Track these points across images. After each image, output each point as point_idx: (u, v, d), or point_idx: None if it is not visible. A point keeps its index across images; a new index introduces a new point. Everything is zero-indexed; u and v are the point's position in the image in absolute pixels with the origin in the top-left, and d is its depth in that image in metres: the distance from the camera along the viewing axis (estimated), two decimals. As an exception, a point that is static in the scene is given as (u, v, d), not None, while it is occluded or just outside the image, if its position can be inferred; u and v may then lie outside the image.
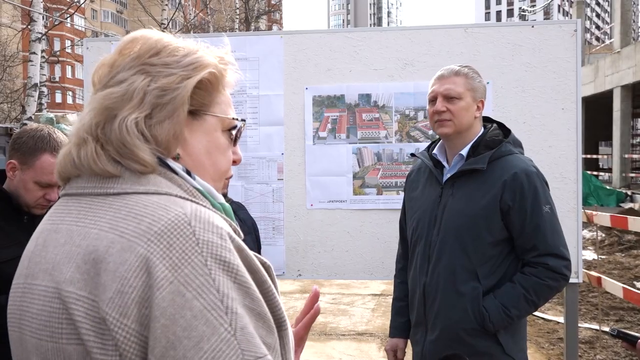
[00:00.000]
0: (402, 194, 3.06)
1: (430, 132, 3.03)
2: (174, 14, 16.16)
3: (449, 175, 2.10)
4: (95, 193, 0.87)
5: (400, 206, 3.07)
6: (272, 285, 0.86)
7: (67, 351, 0.79)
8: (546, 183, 2.07)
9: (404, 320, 2.29)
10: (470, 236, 2.01)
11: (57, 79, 47.46)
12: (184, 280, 0.76)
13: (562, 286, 2.04)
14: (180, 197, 0.85)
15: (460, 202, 2.04)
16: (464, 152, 2.08)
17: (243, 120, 1.02)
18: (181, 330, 0.74)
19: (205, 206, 0.86)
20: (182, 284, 0.75)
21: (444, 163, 2.15)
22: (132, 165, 0.86)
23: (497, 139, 2.08)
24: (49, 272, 0.83)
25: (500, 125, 2.17)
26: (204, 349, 0.74)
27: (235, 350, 0.75)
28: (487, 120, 2.20)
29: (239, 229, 0.90)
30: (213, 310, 0.75)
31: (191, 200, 0.85)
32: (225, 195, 2.37)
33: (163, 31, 0.96)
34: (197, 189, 0.89)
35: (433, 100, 2.10)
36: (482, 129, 2.14)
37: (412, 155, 2.36)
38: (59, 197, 0.95)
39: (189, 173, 0.91)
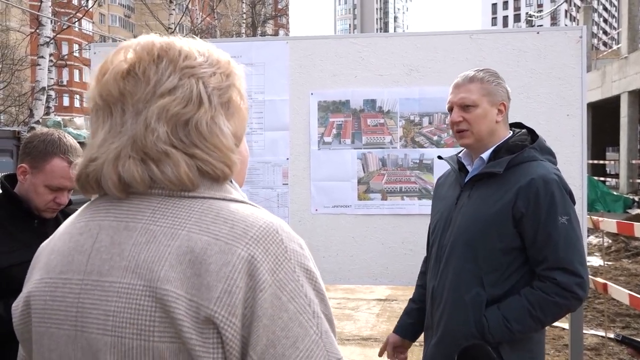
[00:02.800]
0: (406, 200, 3.07)
1: (435, 137, 3.03)
2: (181, 18, 16.25)
3: (468, 178, 2.05)
4: (166, 194, 0.87)
5: (405, 212, 3.07)
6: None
7: (158, 349, 0.80)
8: (569, 193, 1.95)
9: (411, 322, 2.26)
10: (480, 241, 1.94)
11: (64, 83, 47.80)
12: (280, 284, 0.81)
13: (574, 305, 1.90)
14: (252, 205, 0.90)
15: (473, 206, 1.99)
16: (485, 155, 2.02)
17: None
18: (280, 330, 0.80)
19: (261, 209, 0.92)
20: (279, 287, 0.81)
21: (468, 167, 2.09)
22: (223, 170, 0.89)
23: (521, 144, 2.00)
24: (131, 270, 0.83)
25: (531, 132, 2.09)
26: (300, 348, 0.80)
27: (322, 351, 0.82)
28: (518, 126, 2.13)
29: None
30: (305, 314, 0.82)
31: (257, 207, 0.91)
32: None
33: (170, 36, 0.97)
34: (243, 196, 0.94)
35: (451, 110, 2.06)
36: (510, 134, 2.07)
37: (440, 157, 2.31)
38: (101, 194, 0.92)
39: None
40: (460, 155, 2.15)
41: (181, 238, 0.83)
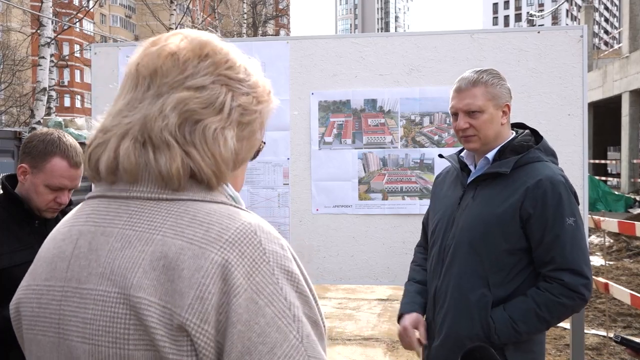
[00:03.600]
0: (407, 199, 3.07)
1: (436, 137, 3.03)
2: (181, 18, 16.25)
3: (472, 178, 2.04)
4: (144, 197, 0.86)
5: (405, 211, 3.07)
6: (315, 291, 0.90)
7: (133, 357, 0.79)
8: (575, 195, 1.95)
9: (424, 300, 2.13)
10: (485, 241, 1.93)
11: (65, 83, 47.84)
12: (256, 288, 0.79)
13: (579, 306, 1.89)
14: (232, 205, 0.88)
15: (479, 206, 1.97)
16: (490, 155, 2.00)
17: (264, 142, 1.04)
18: (256, 336, 0.77)
19: (242, 209, 0.90)
20: (255, 291, 0.78)
21: (471, 167, 2.08)
22: (211, 178, 0.87)
23: (526, 144, 1.99)
24: (107, 276, 0.82)
25: (534, 132, 2.08)
26: (277, 354, 0.78)
27: (303, 356, 0.79)
28: (520, 126, 2.12)
29: None
30: (283, 318, 0.79)
31: (237, 207, 0.89)
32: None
33: None
34: (231, 196, 0.92)
35: (455, 114, 2.03)
36: (513, 134, 2.05)
37: (440, 156, 2.28)
38: (87, 197, 0.93)
39: None
40: (462, 154, 2.13)
41: (156, 243, 0.81)
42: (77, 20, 15.18)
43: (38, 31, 10.46)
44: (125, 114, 0.88)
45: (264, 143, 1.03)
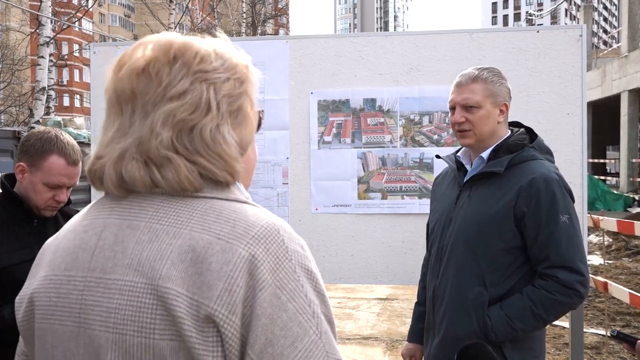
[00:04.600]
0: (406, 199, 3.07)
1: (435, 136, 3.03)
2: (181, 17, 16.25)
3: (468, 178, 2.05)
4: (169, 194, 0.88)
5: (405, 211, 3.07)
6: None
7: (158, 347, 0.80)
8: (569, 193, 1.95)
9: (421, 326, 2.21)
10: (481, 240, 1.94)
11: (64, 83, 47.82)
12: (280, 284, 0.82)
13: (575, 303, 1.90)
14: (255, 205, 0.91)
15: (474, 205, 1.99)
16: (485, 155, 2.02)
17: (261, 110, 1.05)
18: (279, 329, 0.80)
19: (264, 210, 0.92)
20: (279, 287, 0.81)
21: (467, 166, 2.09)
22: (226, 177, 0.89)
23: (521, 143, 2.00)
24: (134, 267, 0.84)
25: (530, 131, 2.09)
26: (299, 348, 0.81)
27: (322, 351, 0.82)
28: (517, 125, 2.13)
29: None
30: (304, 314, 0.82)
31: (259, 207, 0.91)
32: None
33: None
34: (247, 197, 0.94)
35: (453, 109, 2.04)
36: (509, 133, 2.06)
37: (437, 157, 2.30)
38: (106, 193, 0.93)
39: None
40: (459, 154, 2.14)
41: (183, 237, 0.83)
42: (76, 19, 15.17)
43: (37, 30, 10.45)
44: (117, 140, 0.89)
45: (262, 111, 1.03)
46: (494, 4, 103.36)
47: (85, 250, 0.89)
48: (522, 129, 2.10)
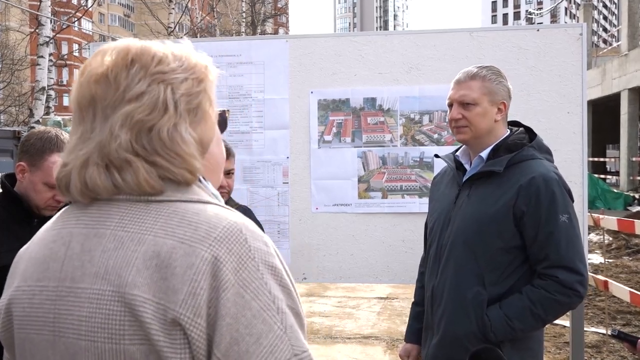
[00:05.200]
0: (407, 198, 3.07)
1: (436, 135, 3.03)
2: (180, 17, 16.25)
3: (467, 177, 2.05)
4: (134, 200, 0.89)
5: (405, 210, 3.07)
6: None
7: (129, 351, 0.83)
8: (569, 192, 1.95)
9: (420, 326, 2.21)
10: (480, 240, 1.94)
11: (64, 83, 47.80)
12: (243, 283, 0.84)
13: (574, 303, 1.90)
14: (218, 204, 0.92)
15: (473, 205, 1.99)
16: (484, 154, 2.02)
17: (226, 110, 1.09)
18: (243, 327, 0.82)
19: (227, 208, 0.93)
20: (242, 286, 0.83)
21: (466, 165, 2.09)
22: (185, 176, 0.90)
23: (520, 142, 2.00)
24: (101, 276, 0.86)
25: (529, 130, 2.09)
26: (264, 344, 0.83)
27: (287, 345, 0.85)
28: (516, 124, 2.13)
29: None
30: (268, 310, 0.84)
31: (223, 207, 0.92)
32: (229, 200, 2.38)
33: (169, 35, 0.97)
34: (213, 194, 0.96)
35: (451, 105, 2.06)
36: (508, 132, 2.06)
37: (436, 156, 2.31)
38: (74, 201, 0.95)
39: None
40: (457, 154, 2.14)
41: (147, 243, 0.85)
42: (76, 19, 15.14)
43: (37, 30, 10.44)
44: (80, 147, 0.90)
45: (228, 110, 1.07)
46: (494, 3, 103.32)
47: (55, 260, 0.91)
48: (521, 129, 2.10)
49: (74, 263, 0.89)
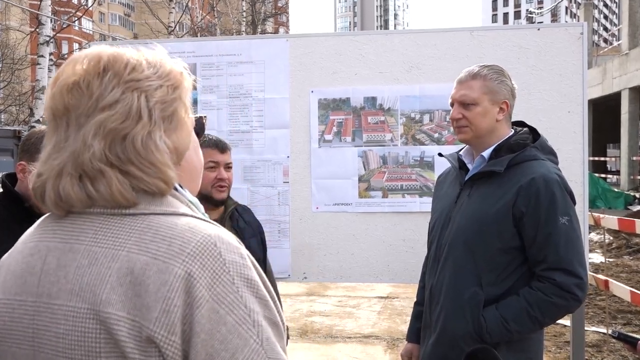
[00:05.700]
0: (407, 197, 3.07)
1: (436, 135, 3.03)
2: (180, 16, 16.25)
3: (468, 177, 2.04)
4: (108, 213, 0.88)
5: (406, 209, 3.07)
6: (274, 293, 0.93)
7: None
8: (570, 194, 1.93)
9: (419, 326, 2.21)
10: (479, 240, 1.93)
11: (65, 82, 47.71)
12: (217, 298, 0.83)
13: (572, 306, 1.88)
14: (193, 216, 0.91)
15: (473, 205, 1.98)
16: (486, 154, 2.00)
17: (203, 116, 1.09)
18: (218, 343, 0.82)
19: (202, 219, 0.92)
20: (216, 301, 0.83)
21: (469, 165, 2.07)
22: (159, 186, 0.89)
23: (523, 142, 1.98)
24: (75, 293, 0.85)
25: (533, 131, 2.07)
26: (239, 359, 0.82)
27: (263, 358, 0.84)
28: (520, 124, 2.11)
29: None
30: (243, 324, 0.83)
31: (198, 218, 0.91)
32: (228, 199, 2.38)
33: (170, 34, 0.97)
34: (191, 202, 0.95)
35: (452, 105, 2.05)
36: (512, 132, 2.05)
37: (440, 155, 2.30)
38: (50, 212, 0.94)
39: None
40: (461, 153, 2.13)
41: (121, 259, 0.84)
42: (76, 18, 15.14)
43: (37, 30, 10.43)
44: (54, 156, 0.89)
45: (205, 117, 1.07)
46: (494, 2, 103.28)
47: (32, 274, 0.90)
48: (525, 129, 2.08)
49: (50, 278, 0.88)
